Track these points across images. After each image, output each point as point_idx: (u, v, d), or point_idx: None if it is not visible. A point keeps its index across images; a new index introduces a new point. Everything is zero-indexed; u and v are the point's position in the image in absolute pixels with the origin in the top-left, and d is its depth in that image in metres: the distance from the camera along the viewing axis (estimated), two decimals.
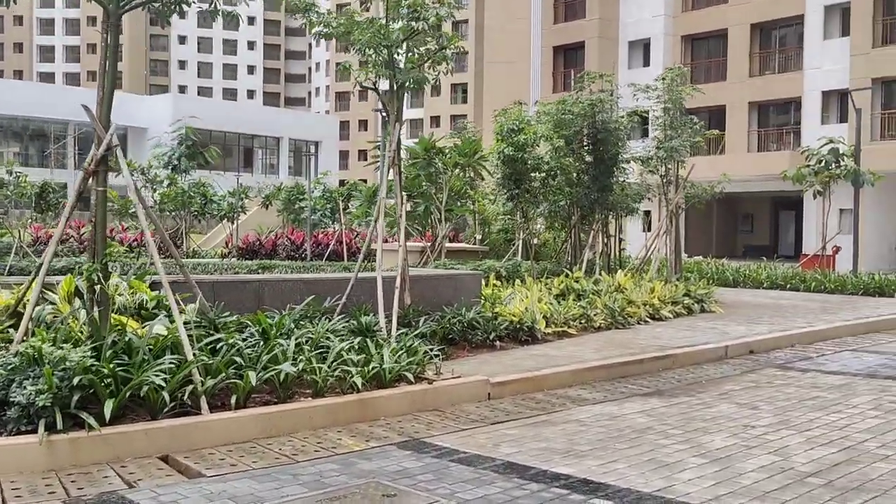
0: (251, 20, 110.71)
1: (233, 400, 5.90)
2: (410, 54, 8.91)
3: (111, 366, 5.51)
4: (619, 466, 5.36)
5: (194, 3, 6.51)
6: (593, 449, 5.82)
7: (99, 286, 6.11)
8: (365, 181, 37.62)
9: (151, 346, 6.07)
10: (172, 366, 5.83)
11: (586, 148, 14.98)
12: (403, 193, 8.95)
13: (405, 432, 6.19)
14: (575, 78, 19.25)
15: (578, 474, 5.17)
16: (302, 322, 7.99)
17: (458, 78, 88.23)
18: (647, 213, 37.85)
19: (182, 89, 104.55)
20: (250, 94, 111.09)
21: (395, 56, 8.69)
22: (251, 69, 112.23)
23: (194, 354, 6.00)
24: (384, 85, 8.90)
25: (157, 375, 5.54)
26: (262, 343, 6.91)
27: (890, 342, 12.33)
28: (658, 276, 16.43)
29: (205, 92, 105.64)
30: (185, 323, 6.26)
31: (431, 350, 7.71)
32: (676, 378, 8.91)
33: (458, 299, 10.36)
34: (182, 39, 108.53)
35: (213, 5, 6.85)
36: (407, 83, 8.58)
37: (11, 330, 6.43)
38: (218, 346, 6.54)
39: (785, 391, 8.19)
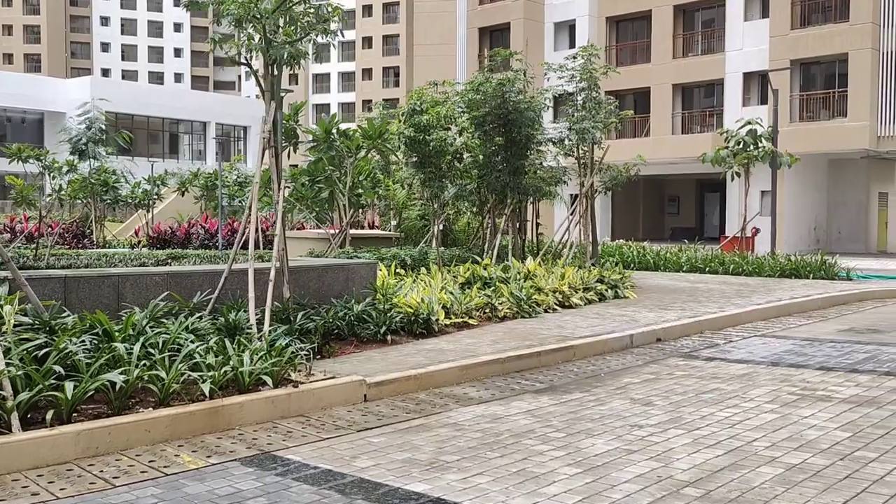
0: (177, 1, 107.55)
1: (48, 416, 5.16)
2: (287, 27, 8.20)
3: None
4: (482, 481, 4.81)
5: None
6: (461, 459, 5.26)
7: None
8: (296, 166, 36.57)
9: None
10: None
11: (497, 129, 14.44)
12: (283, 179, 8.26)
13: (257, 444, 5.55)
14: (493, 57, 18.74)
15: (433, 492, 4.60)
16: (163, 321, 7.26)
17: (390, 62, 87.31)
18: (575, 196, 37.81)
19: (105, 73, 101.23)
20: (178, 77, 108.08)
21: (269, 29, 7.97)
22: (178, 52, 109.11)
23: (6, 364, 5.24)
24: (262, 65, 8.18)
25: None
26: (103, 346, 6.18)
27: (800, 326, 12.12)
28: (574, 261, 16.05)
29: (130, 75, 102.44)
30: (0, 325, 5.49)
31: (302, 349, 7.07)
32: (575, 371, 8.45)
33: (350, 291, 9.73)
34: (105, 21, 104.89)
35: None
36: (281, 59, 7.87)
37: None
38: (45, 353, 5.79)
39: (684, 383, 7.78)
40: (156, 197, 32.66)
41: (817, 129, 28.98)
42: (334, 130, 14.15)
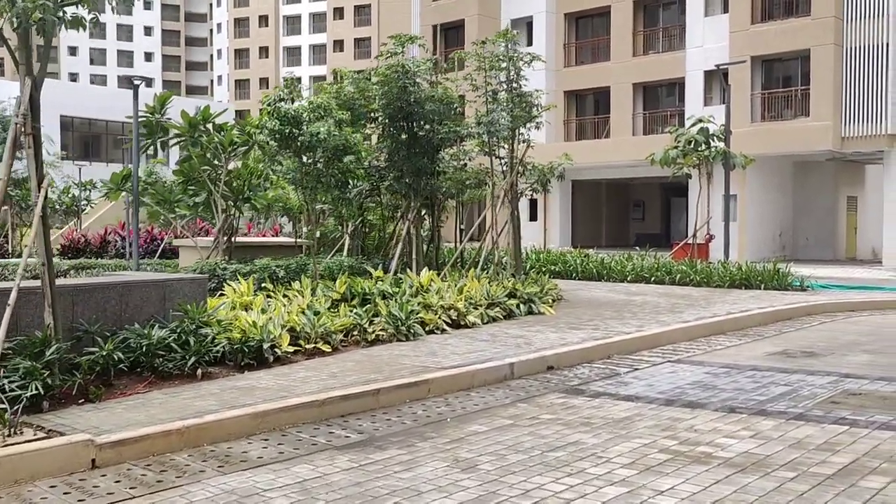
0: (147, 4, 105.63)
1: None
2: None
3: None
4: None
5: None
6: None
7: None
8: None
9: None
10: None
11: (398, 124, 12.79)
12: (44, 173, 6.56)
13: None
14: (451, 57, 17.27)
15: None
16: None
17: (361, 33, 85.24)
18: (534, 201, 36.20)
19: (73, 77, 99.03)
20: (148, 82, 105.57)
21: None
22: (149, 56, 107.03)
23: None
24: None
25: None
26: None
27: (727, 348, 10.51)
28: (497, 272, 14.35)
29: (99, 80, 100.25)
30: None
31: (21, 395, 5.37)
32: (417, 415, 6.78)
33: (166, 312, 8.03)
34: None
35: None
36: (28, 22, 6.19)
37: None
38: None
39: (542, 433, 6.14)
40: (85, 203, 30.83)
41: (779, 129, 27.49)
42: (209, 124, 12.44)
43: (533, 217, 35.48)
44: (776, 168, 30.19)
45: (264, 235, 21.08)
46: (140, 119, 13.34)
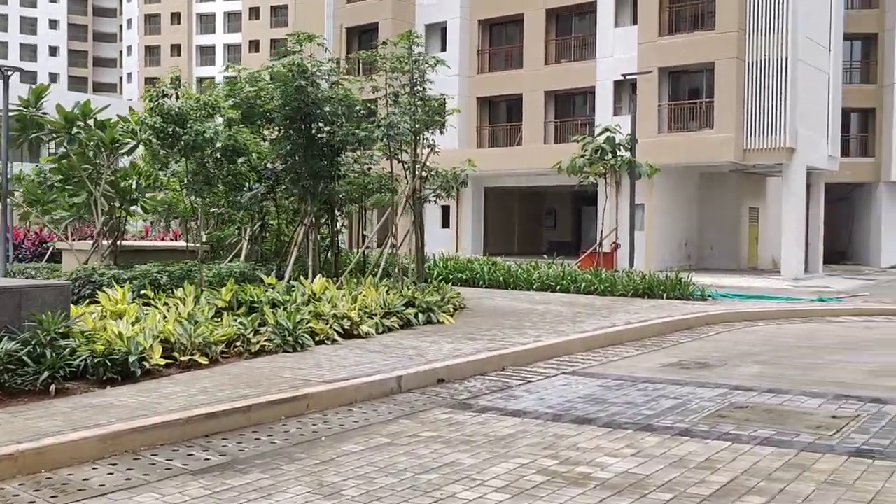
0: None
1: None
2: None
3: None
4: None
5: None
6: None
7: None
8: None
9: None
10: None
11: (294, 125, 12.30)
12: None
13: None
14: (351, 58, 16.73)
15: None
16: None
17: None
18: (446, 207, 35.98)
19: None
20: (53, 77, 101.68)
21: None
22: (54, 50, 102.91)
23: None
24: None
25: None
26: None
27: (624, 358, 10.40)
28: (395, 280, 13.99)
29: None
30: None
31: None
32: (289, 432, 6.36)
33: (22, 322, 7.38)
34: None
35: None
36: None
37: None
38: None
39: (418, 453, 5.80)
40: None
41: (685, 140, 27.99)
42: (90, 120, 11.69)
43: (445, 224, 35.28)
44: (683, 178, 30.75)
45: (162, 239, 20.21)
46: (12, 113, 12.47)
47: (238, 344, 8.98)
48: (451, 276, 20.20)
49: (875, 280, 27.75)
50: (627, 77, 22.81)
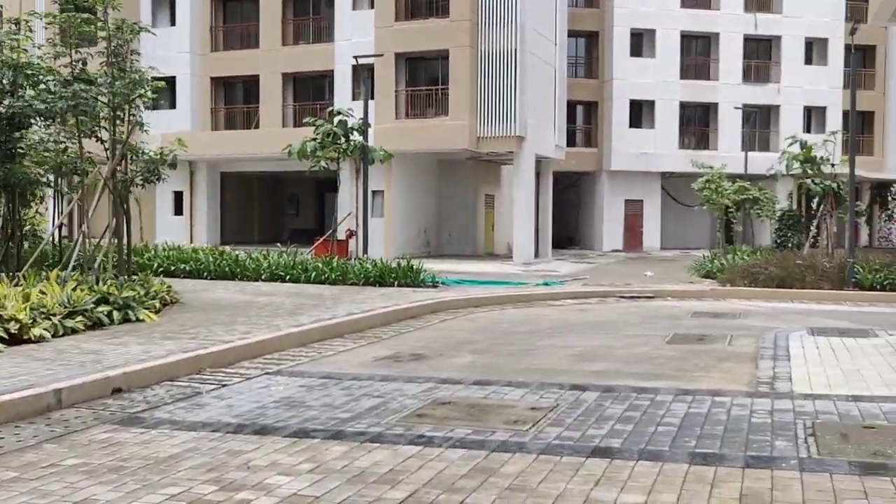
0: None
1: None
2: None
3: None
4: None
5: None
6: None
7: None
8: None
9: None
10: None
11: None
12: None
13: None
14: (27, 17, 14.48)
15: None
16: None
17: None
18: (179, 193, 33.76)
19: None
20: None
21: None
22: None
23: None
24: None
25: None
26: None
27: (338, 353, 9.79)
28: (92, 273, 12.34)
29: None
30: None
31: None
32: None
33: None
34: None
35: None
36: None
37: None
38: None
39: (48, 488, 4.74)
40: None
41: (422, 127, 28.14)
42: None
43: (178, 211, 33.10)
44: (422, 165, 30.95)
45: None
46: None
47: None
48: (173, 268, 18.74)
49: (596, 263, 29.56)
50: (360, 60, 22.33)
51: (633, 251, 38.06)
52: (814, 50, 40.47)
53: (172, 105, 32.35)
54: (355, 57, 22.42)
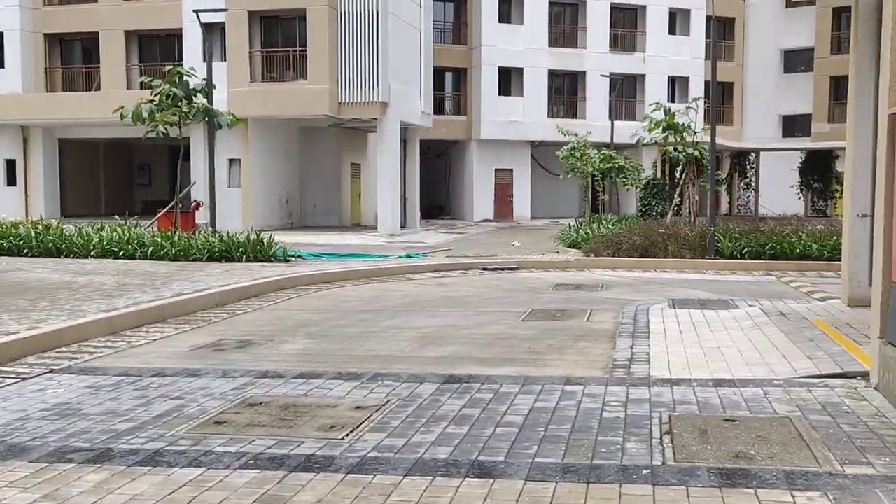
0: None
1: None
2: None
3: None
4: None
5: None
6: None
7: None
8: None
9: None
10: None
11: None
12: None
13: None
14: None
15: None
16: None
17: None
18: (11, 161, 30.84)
19: None
20: None
21: None
22: None
23: None
24: None
25: None
26: None
27: (153, 341, 8.53)
28: None
29: None
30: None
31: None
32: None
33: None
34: None
35: None
36: None
37: None
38: None
39: None
40: None
41: (279, 91, 26.51)
42: None
43: (11, 181, 30.24)
44: (281, 132, 29.35)
45: None
46: None
47: None
48: None
49: (465, 234, 28.90)
50: (205, 17, 20.56)
51: (503, 221, 37.72)
52: (677, 20, 41.00)
53: (0, 64, 29.37)
54: (195, 11, 20.64)
